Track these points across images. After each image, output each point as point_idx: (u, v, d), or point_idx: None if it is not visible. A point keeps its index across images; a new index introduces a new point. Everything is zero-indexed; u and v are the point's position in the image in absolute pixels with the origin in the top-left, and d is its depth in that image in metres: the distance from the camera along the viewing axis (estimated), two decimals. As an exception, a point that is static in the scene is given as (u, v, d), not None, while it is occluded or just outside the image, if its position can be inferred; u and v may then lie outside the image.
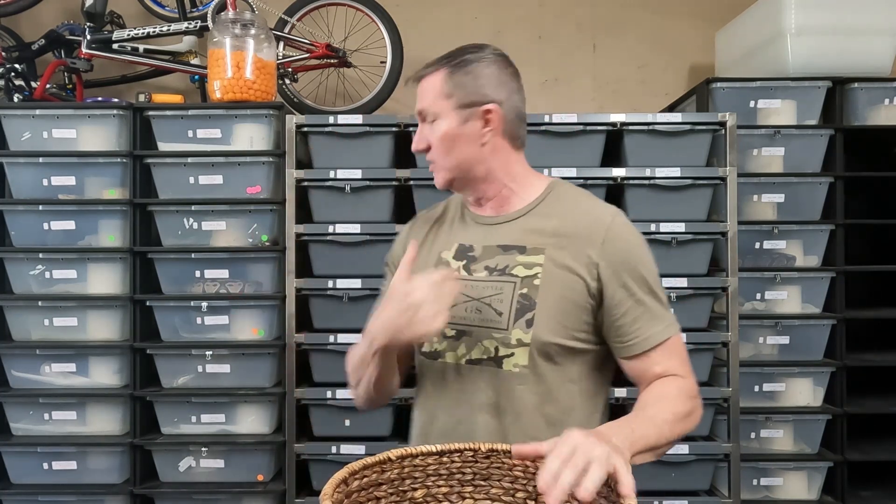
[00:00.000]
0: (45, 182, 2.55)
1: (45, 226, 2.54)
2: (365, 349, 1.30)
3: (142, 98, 2.66)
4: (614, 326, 1.26)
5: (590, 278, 1.25)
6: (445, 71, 1.29)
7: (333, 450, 2.39)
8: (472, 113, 1.28)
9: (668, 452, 2.28)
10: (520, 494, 1.19)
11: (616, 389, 2.29)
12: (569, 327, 1.25)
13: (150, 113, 2.55)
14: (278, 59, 2.81)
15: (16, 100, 2.76)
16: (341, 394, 2.39)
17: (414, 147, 1.33)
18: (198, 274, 2.53)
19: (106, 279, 2.56)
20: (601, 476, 0.90)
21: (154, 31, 2.84)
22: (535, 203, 1.34)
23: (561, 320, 1.25)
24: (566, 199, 1.33)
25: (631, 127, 2.42)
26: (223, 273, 2.53)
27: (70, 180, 2.56)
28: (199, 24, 2.82)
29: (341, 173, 2.42)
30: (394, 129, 2.44)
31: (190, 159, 2.51)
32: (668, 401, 1.19)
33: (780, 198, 2.62)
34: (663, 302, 1.27)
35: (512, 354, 1.25)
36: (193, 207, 2.51)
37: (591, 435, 0.97)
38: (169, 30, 2.85)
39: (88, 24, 2.83)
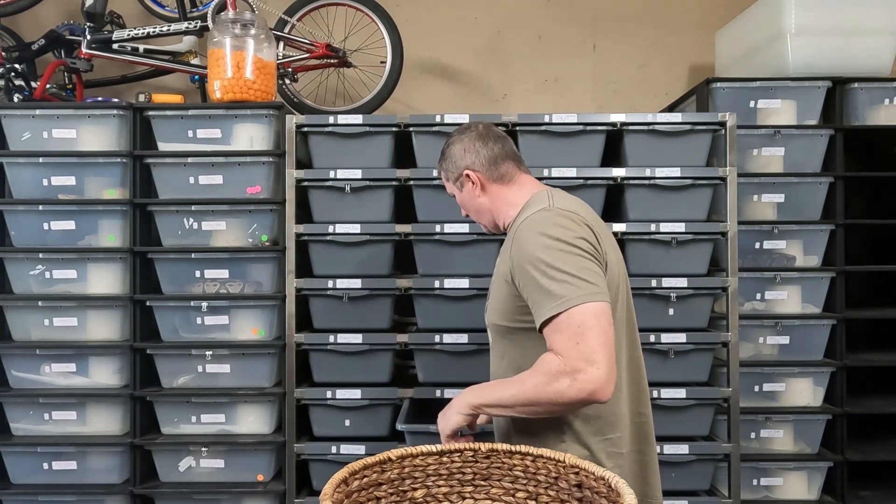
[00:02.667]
0: (45, 182, 2.55)
1: (45, 226, 2.54)
2: None
3: (142, 98, 2.66)
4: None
5: (508, 272, 1.48)
6: (440, 165, 1.71)
7: (333, 450, 2.39)
8: (460, 183, 1.66)
9: (668, 452, 2.32)
10: (520, 494, 1.19)
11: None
12: (506, 311, 1.51)
13: (150, 113, 2.55)
14: (278, 59, 2.81)
15: (16, 100, 2.76)
16: (341, 394, 2.40)
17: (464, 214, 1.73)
18: (198, 274, 2.53)
19: (106, 279, 2.56)
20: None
21: (154, 31, 2.84)
22: (515, 218, 1.60)
23: (500, 306, 1.53)
24: (521, 213, 1.56)
25: (631, 127, 2.42)
26: (223, 273, 2.53)
27: (70, 180, 2.56)
28: (199, 24, 2.82)
29: (341, 173, 2.42)
30: (394, 129, 2.44)
31: (190, 159, 2.52)
32: (526, 374, 1.39)
33: (780, 198, 2.62)
34: (557, 281, 1.36)
35: (489, 332, 1.61)
36: (193, 207, 2.51)
37: (459, 396, 1.48)
38: (169, 30, 2.85)
39: (88, 24, 2.83)
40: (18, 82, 2.79)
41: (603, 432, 1.46)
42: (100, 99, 3.08)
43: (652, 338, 2.36)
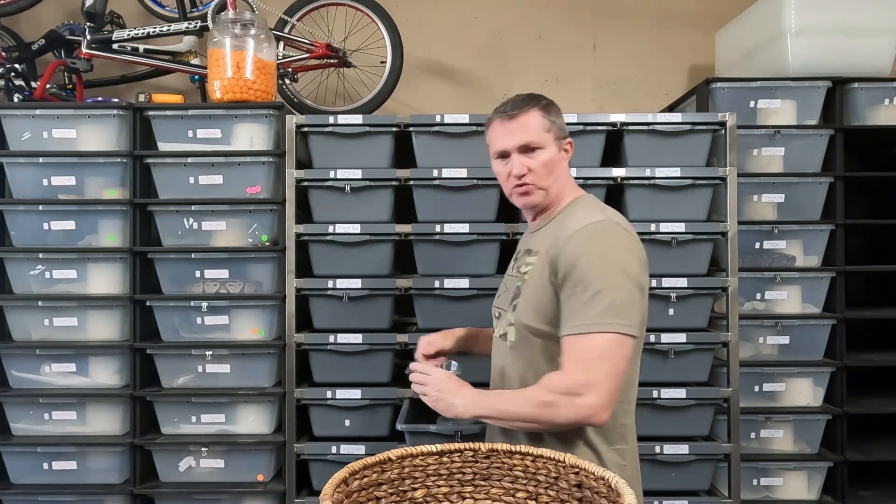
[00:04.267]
0: (45, 182, 2.55)
1: (45, 226, 2.54)
2: None
3: (142, 98, 2.66)
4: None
5: (550, 273, 1.47)
6: (541, 111, 1.56)
7: (333, 450, 2.39)
8: (561, 144, 1.58)
9: (668, 452, 2.32)
10: (520, 494, 1.19)
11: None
12: (542, 313, 1.48)
13: (150, 113, 2.55)
14: (278, 59, 2.81)
15: (16, 100, 2.76)
16: (341, 394, 2.40)
17: (517, 172, 1.55)
18: (198, 274, 2.53)
19: (106, 279, 2.56)
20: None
21: (154, 31, 2.84)
22: (556, 215, 1.59)
23: (536, 307, 1.49)
24: (570, 213, 1.56)
25: (631, 127, 2.42)
26: (223, 273, 2.53)
27: (70, 180, 2.56)
28: (199, 24, 2.82)
29: (341, 173, 2.42)
30: (394, 129, 2.44)
31: (190, 159, 2.51)
32: (532, 388, 1.43)
33: (780, 198, 2.62)
34: (597, 304, 1.38)
35: (509, 332, 1.57)
36: (193, 207, 2.51)
37: (445, 387, 1.50)
38: (169, 30, 2.85)
39: (88, 24, 2.83)
40: (18, 82, 2.79)
41: (611, 441, 1.50)
42: (100, 99, 3.08)
43: (652, 338, 2.36)
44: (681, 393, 2.37)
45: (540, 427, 1.44)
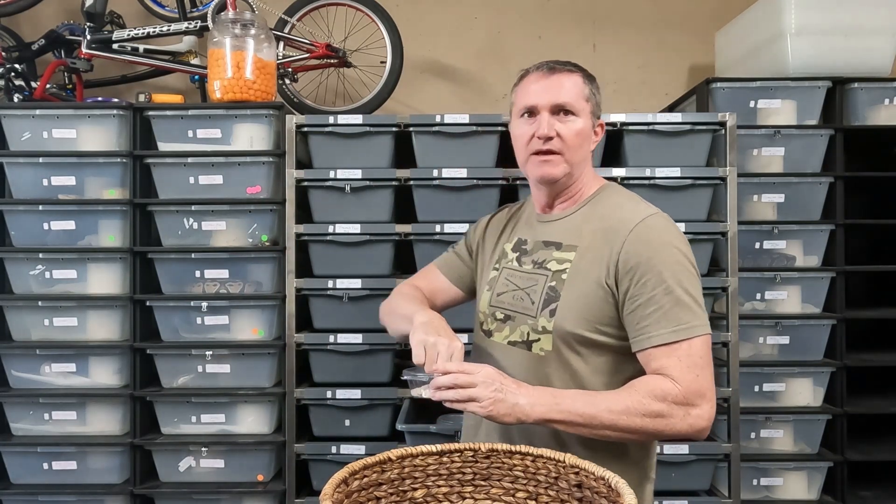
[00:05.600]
0: (45, 182, 2.55)
1: (45, 226, 2.54)
2: (409, 324, 1.42)
3: (142, 98, 2.66)
4: (627, 322, 1.32)
5: (606, 275, 1.32)
6: (583, 77, 1.42)
7: (333, 450, 2.39)
8: (595, 122, 1.43)
9: (668, 452, 2.31)
10: (520, 494, 1.19)
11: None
12: (591, 320, 1.32)
13: (150, 113, 2.55)
14: (278, 59, 2.81)
15: (16, 100, 2.76)
16: (341, 394, 2.40)
17: (544, 133, 1.37)
18: (198, 274, 2.53)
19: (106, 279, 2.56)
20: (473, 413, 1.22)
21: (154, 31, 2.84)
22: (583, 204, 1.43)
23: (583, 313, 1.33)
24: (608, 201, 1.42)
25: (631, 127, 2.42)
26: (223, 273, 2.53)
27: (70, 180, 2.56)
28: (199, 24, 2.82)
29: (341, 173, 2.42)
30: (394, 129, 2.44)
31: (190, 159, 2.51)
32: (629, 393, 1.25)
33: (780, 198, 2.62)
34: (682, 304, 1.28)
35: (538, 339, 1.36)
36: (193, 207, 2.51)
37: (504, 383, 1.23)
38: (169, 30, 2.85)
39: (88, 24, 2.83)
40: (18, 82, 2.79)
41: (650, 456, 1.44)
42: (100, 99, 3.08)
43: (652, 338, 2.35)
44: (681, 393, 2.37)
45: (637, 438, 1.27)
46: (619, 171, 2.40)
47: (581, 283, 1.34)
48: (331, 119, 2.45)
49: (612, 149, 2.48)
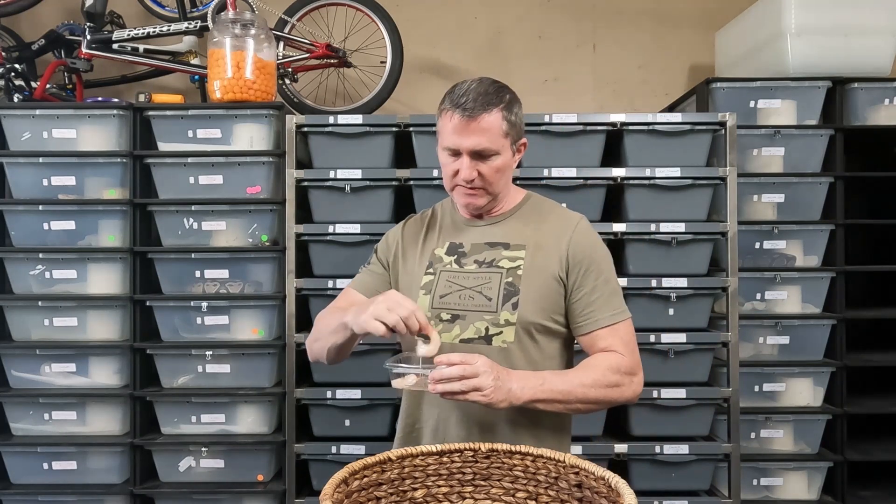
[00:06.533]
0: (45, 182, 2.55)
1: (45, 226, 2.54)
2: (349, 327, 1.41)
3: (142, 98, 2.66)
4: (572, 308, 1.49)
5: (560, 269, 1.49)
6: (501, 112, 1.44)
7: (333, 450, 2.39)
8: (516, 146, 1.51)
9: (668, 452, 2.31)
10: (520, 494, 1.19)
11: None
12: (547, 310, 1.48)
13: (150, 113, 2.55)
14: (278, 59, 2.81)
15: (16, 100, 2.75)
16: (341, 394, 2.40)
17: (466, 178, 1.46)
18: (198, 274, 2.53)
19: (106, 279, 2.56)
20: (474, 402, 1.29)
21: (154, 31, 2.84)
22: (515, 209, 1.58)
23: (541, 304, 1.47)
24: (540, 207, 1.59)
25: (631, 127, 2.42)
26: (223, 273, 2.53)
27: (70, 180, 2.56)
28: (199, 24, 2.82)
29: (341, 173, 2.42)
30: (394, 129, 2.44)
31: (190, 159, 2.51)
32: (592, 369, 1.43)
33: (780, 198, 2.62)
34: (616, 292, 1.51)
35: (500, 333, 1.46)
36: (193, 207, 2.51)
37: (498, 371, 1.31)
38: (169, 30, 2.85)
39: (88, 24, 2.83)
40: (18, 82, 2.79)
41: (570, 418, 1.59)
42: (100, 99, 3.07)
43: (652, 338, 2.36)
44: (681, 393, 2.37)
45: (597, 407, 1.48)
46: (619, 171, 2.40)
47: (537, 277, 1.48)
48: (331, 119, 2.45)
49: (612, 149, 2.48)
